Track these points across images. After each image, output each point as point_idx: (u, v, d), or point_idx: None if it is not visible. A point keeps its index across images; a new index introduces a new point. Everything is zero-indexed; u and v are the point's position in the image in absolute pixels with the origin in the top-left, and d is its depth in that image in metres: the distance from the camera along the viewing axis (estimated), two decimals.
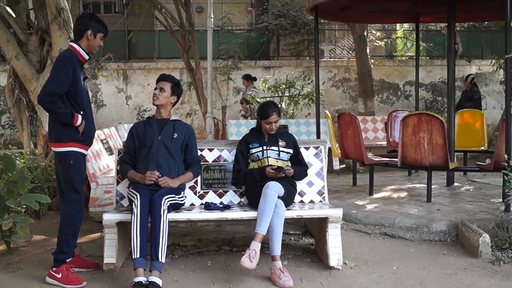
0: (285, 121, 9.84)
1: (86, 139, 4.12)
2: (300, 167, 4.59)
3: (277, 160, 4.52)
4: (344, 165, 9.87)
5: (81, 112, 4.02)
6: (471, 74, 11.45)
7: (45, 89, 3.86)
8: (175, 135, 4.44)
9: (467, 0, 7.31)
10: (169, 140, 4.41)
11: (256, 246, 3.96)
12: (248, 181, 4.52)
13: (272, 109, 4.51)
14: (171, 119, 4.53)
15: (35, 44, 6.84)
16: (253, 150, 4.58)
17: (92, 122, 4.20)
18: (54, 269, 3.99)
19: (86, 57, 4.13)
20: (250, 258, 3.88)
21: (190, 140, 4.52)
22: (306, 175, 4.68)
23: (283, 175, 4.35)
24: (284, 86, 12.29)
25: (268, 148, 4.54)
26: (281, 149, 4.55)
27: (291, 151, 4.60)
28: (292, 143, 4.63)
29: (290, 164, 4.61)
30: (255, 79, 11.51)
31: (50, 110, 3.93)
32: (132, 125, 4.77)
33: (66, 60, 3.94)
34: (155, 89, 4.48)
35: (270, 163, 4.48)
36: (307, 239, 5.10)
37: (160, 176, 4.24)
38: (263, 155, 4.52)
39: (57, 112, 3.90)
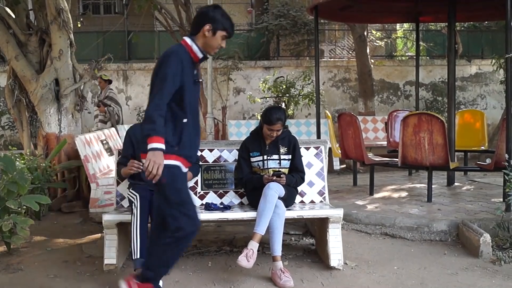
0: (286, 121, 9.82)
1: (185, 153, 3.38)
2: (296, 173, 4.47)
3: (279, 169, 4.45)
4: (344, 165, 9.87)
5: (185, 120, 3.34)
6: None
7: (152, 103, 3.20)
8: None
9: None
10: None
11: (253, 245, 3.95)
12: (249, 188, 4.51)
13: (277, 116, 4.36)
14: None
15: (34, 44, 6.84)
16: (254, 159, 4.50)
17: (196, 135, 3.49)
18: (137, 282, 3.45)
19: (200, 55, 3.37)
20: (247, 258, 3.88)
21: None
22: (302, 181, 4.55)
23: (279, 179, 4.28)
24: (284, 86, 12.28)
25: (268, 158, 4.45)
26: (282, 157, 4.47)
27: (291, 156, 4.54)
28: (292, 147, 4.53)
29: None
30: (110, 81, 9.81)
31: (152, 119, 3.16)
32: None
33: (172, 57, 3.24)
34: None
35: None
36: (307, 239, 5.10)
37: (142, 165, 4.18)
38: (263, 165, 4.45)
39: (157, 121, 3.16)
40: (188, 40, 3.37)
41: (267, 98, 12.35)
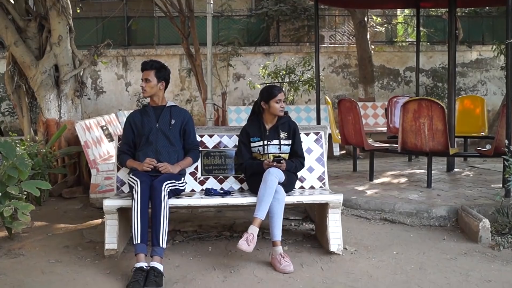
0: (286, 107, 9.81)
1: None
2: (295, 159, 4.48)
3: (279, 154, 4.45)
4: (344, 151, 9.88)
5: None
6: None
7: None
8: (173, 122, 4.43)
9: None
10: (167, 127, 4.41)
11: (253, 230, 3.97)
12: (249, 173, 4.51)
13: (277, 87, 4.53)
14: (167, 105, 4.52)
15: (34, 30, 6.81)
16: (254, 144, 4.51)
17: None
18: None
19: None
20: (248, 242, 3.90)
21: (188, 125, 4.51)
22: (302, 167, 4.56)
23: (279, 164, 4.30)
24: (284, 72, 12.24)
25: (269, 143, 4.46)
26: (282, 142, 4.47)
27: (291, 141, 4.55)
28: (292, 132, 4.54)
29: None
30: None
31: None
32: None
33: None
34: (142, 80, 4.47)
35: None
36: (307, 225, 5.12)
37: (157, 163, 4.25)
38: (263, 150, 4.46)
39: None
40: None
41: (267, 84, 12.31)
